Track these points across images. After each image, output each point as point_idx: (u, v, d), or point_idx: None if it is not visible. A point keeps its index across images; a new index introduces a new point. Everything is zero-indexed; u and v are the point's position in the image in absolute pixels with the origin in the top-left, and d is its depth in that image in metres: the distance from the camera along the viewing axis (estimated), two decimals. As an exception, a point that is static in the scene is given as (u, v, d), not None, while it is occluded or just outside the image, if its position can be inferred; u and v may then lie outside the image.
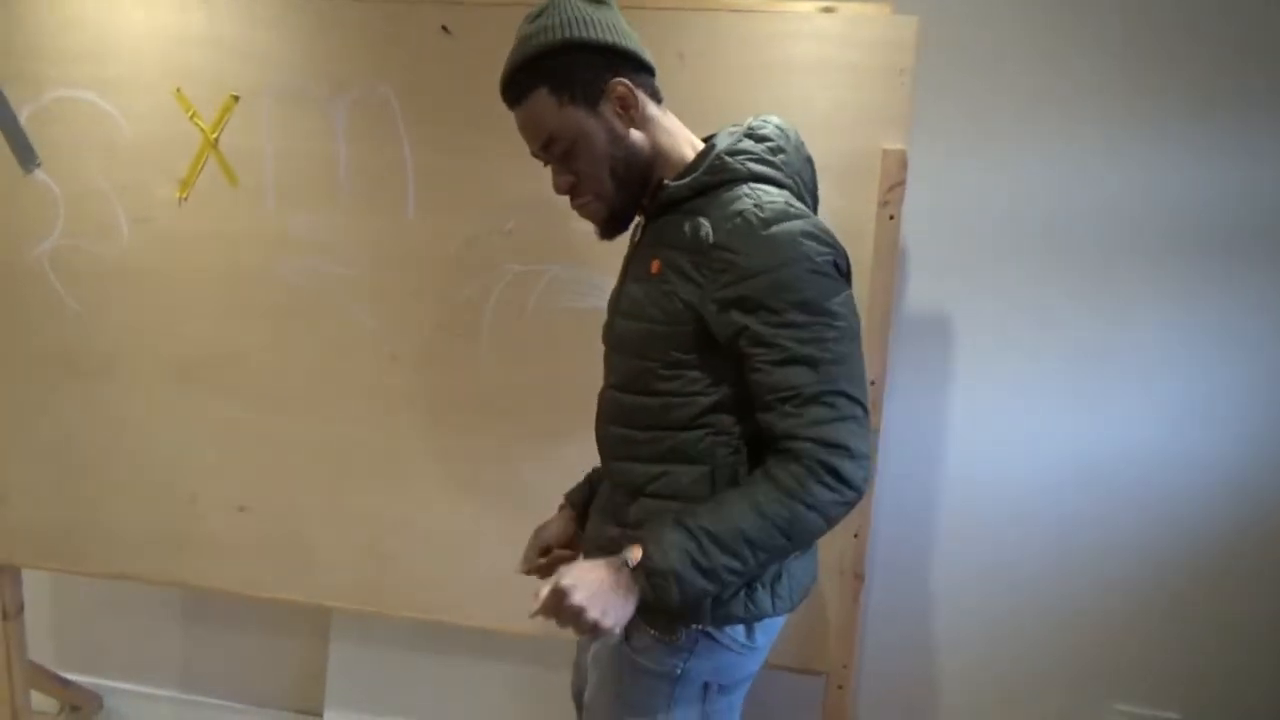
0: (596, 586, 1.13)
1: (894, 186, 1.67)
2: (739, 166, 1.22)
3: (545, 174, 1.77)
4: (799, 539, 1.14)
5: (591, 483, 1.52)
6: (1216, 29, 1.90)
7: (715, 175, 1.22)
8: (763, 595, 1.25)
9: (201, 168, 1.92)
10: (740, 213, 1.16)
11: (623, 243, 1.39)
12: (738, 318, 1.15)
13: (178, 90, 1.90)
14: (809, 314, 1.13)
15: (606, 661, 1.33)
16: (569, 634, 1.27)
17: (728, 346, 1.17)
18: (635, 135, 1.26)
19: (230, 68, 1.87)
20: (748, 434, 1.23)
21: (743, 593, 1.24)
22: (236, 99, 1.88)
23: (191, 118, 1.90)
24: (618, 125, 1.25)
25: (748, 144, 1.25)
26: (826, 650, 1.81)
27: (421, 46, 1.81)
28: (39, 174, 1.96)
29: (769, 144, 1.26)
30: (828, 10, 1.68)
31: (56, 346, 2.01)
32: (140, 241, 1.95)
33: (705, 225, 1.18)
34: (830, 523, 1.15)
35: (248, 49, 1.86)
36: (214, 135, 1.90)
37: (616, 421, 1.31)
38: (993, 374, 2.06)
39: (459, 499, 1.91)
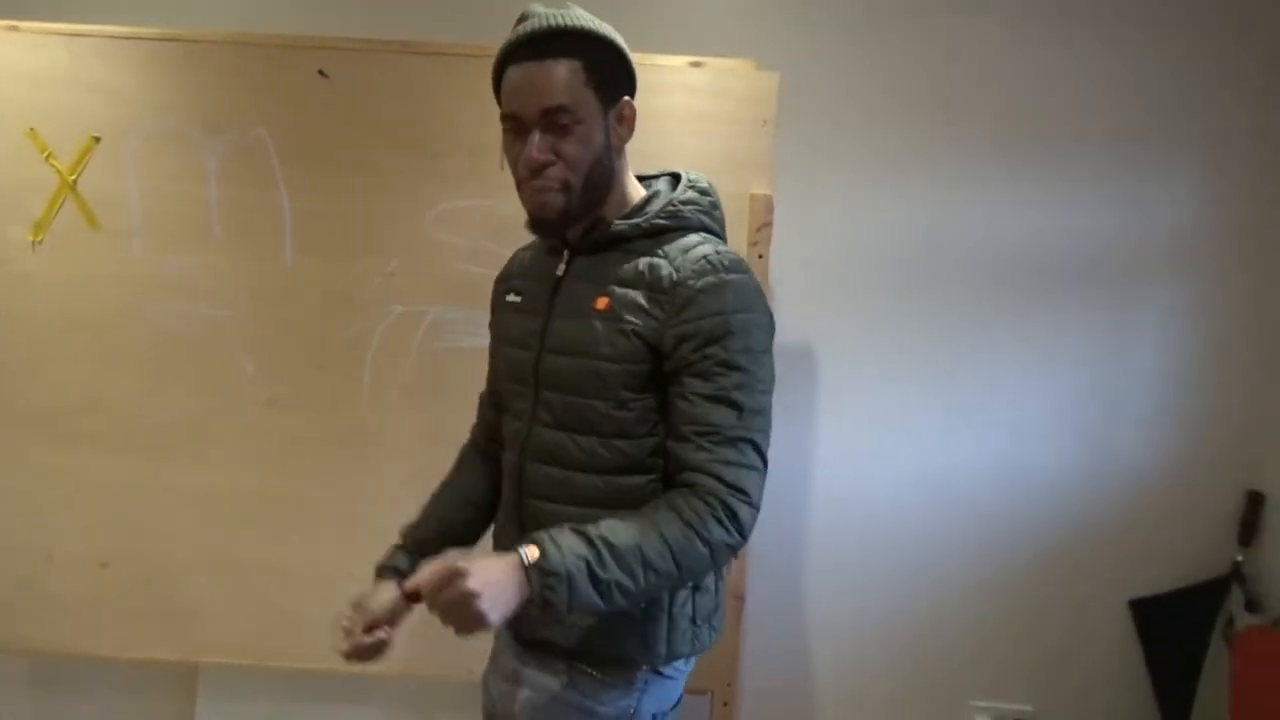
0: (493, 576, 1.06)
1: (761, 227, 1.79)
2: (690, 216, 1.26)
3: (425, 218, 1.83)
4: (686, 571, 1.15)
5: (417, 544, 1.39)
6: (1049, 79, 2.15)
7: (671, 220, 1.25)
8: (704, 630, 1.29)
9: (58, 209, 1.84)
10: (704, 256, 1.21)
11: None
12: (685, 350, 1.18)
13: (31, 130, 1.83)
14: (747, 362, 1.18)
15: (546, 708, 1.28)
16: (450, 675, 1.22)
17: (669, 378, 1.20)
18: (615, 156, 1.26)
19: (92, 108, 1.82)
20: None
21: (689, 630, 1.27)
22: (98, 140, 1.83)
23: (47, 158, 1.83)
24: (612, 137, 1.24)
25: (694, 195, 1.29)
26: (711, 669, 1.88)
27: (299, 90, 1.81)
28: None
29: (709, 199, 1.30)
30: (696, 65, 1.80)
31: (-108, 399, 1.87)
32: (-11, 286, 1.85)
33: (665, 264, 1.21)
34: (716, 563, 1.18)
35: (113, 89, 1.82)
36: (72, 176, 1.83)
37: (550, 461, 1.26)
38: (853, 400, 2.22)
39: (340, 540, 1.88)
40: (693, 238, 1.25)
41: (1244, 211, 2.17)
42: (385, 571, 1.36)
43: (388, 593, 1.31)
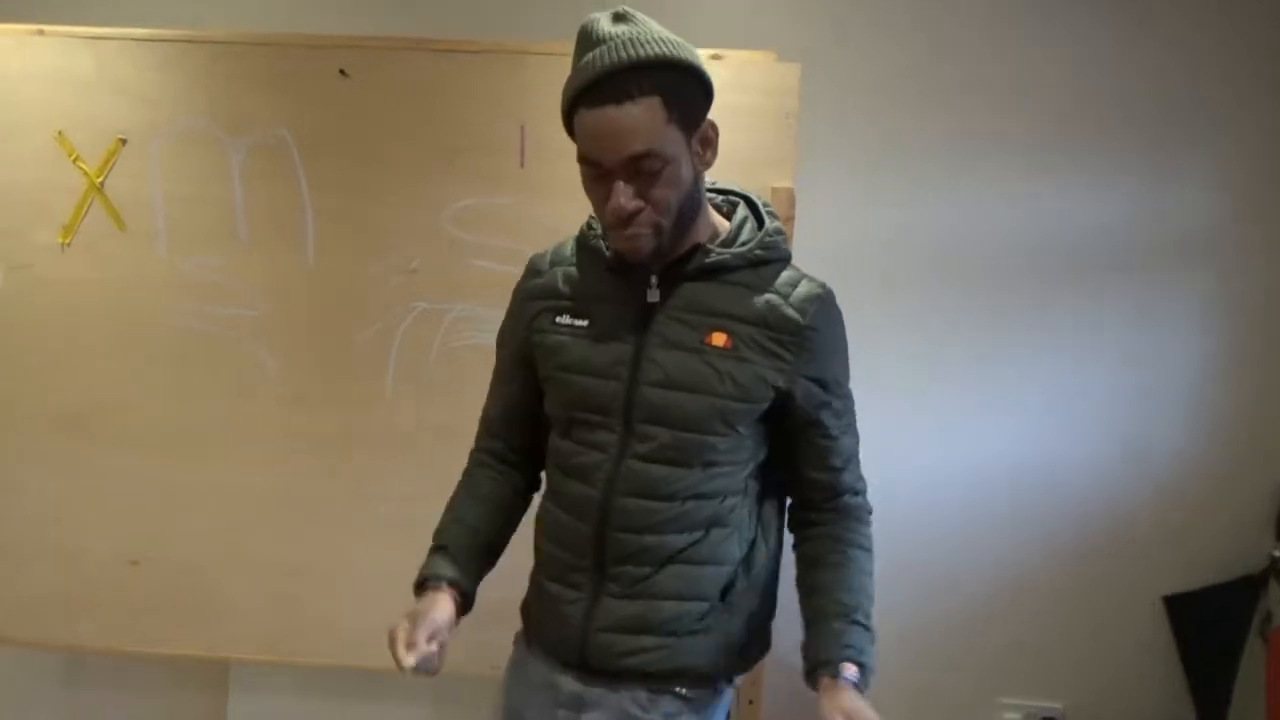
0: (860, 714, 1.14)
1: (785, 222, 1.76)
2: (783, 245, 1.28)
3: (445, 216, 1.83)
4: None
5: (458, 551, 1.36)
6: (1070, 71, 2.11)
7: (769, 252, 1.24)
8: (770, 630, 1.38)
9: (85, 212, 1.86)
10: (818, 296, 1.25)
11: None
12: (818, 393, 1.24)
13: (59, 133, 1.85)
14: (848, 385, 1.31)
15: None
16: (473, 670, 1.26)
17: (796, 416, 1.25)
18: (700, 182, 1.22)
19: (118, 110, 1.84)
20: (758, 490, 1.31)
21: (763, 633, 1.36)
22: (123, 142, 1.85)
23: (75, 161, 1.85)
24: (697, 164, 1.19)
25: (779, 224, 1.29)
26: (737, 667, 1.88)
27: (320, 89, 1.82)
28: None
29: (779, 221, 1.31)
30: (716, 58, 1.78)
31: (-72, 399, 1.90)
32: (19, 288, 1.88)
33: (785, 305, 1.22)
34: None
35: (138, 92, 1.83)
36: (99, 179, 1.85)
37: (643, 494, 1.22)
38: (880, 395, 2.18)
39: (365, 539, 1.89)
40: (791, 272, 1.27)
41: (1277, 202, 2.11)
42: (432, 581, 1.30)
43: (446, 605, 1.25)
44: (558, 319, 1.28)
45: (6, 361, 1.89)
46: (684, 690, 1.27)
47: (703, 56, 1.76)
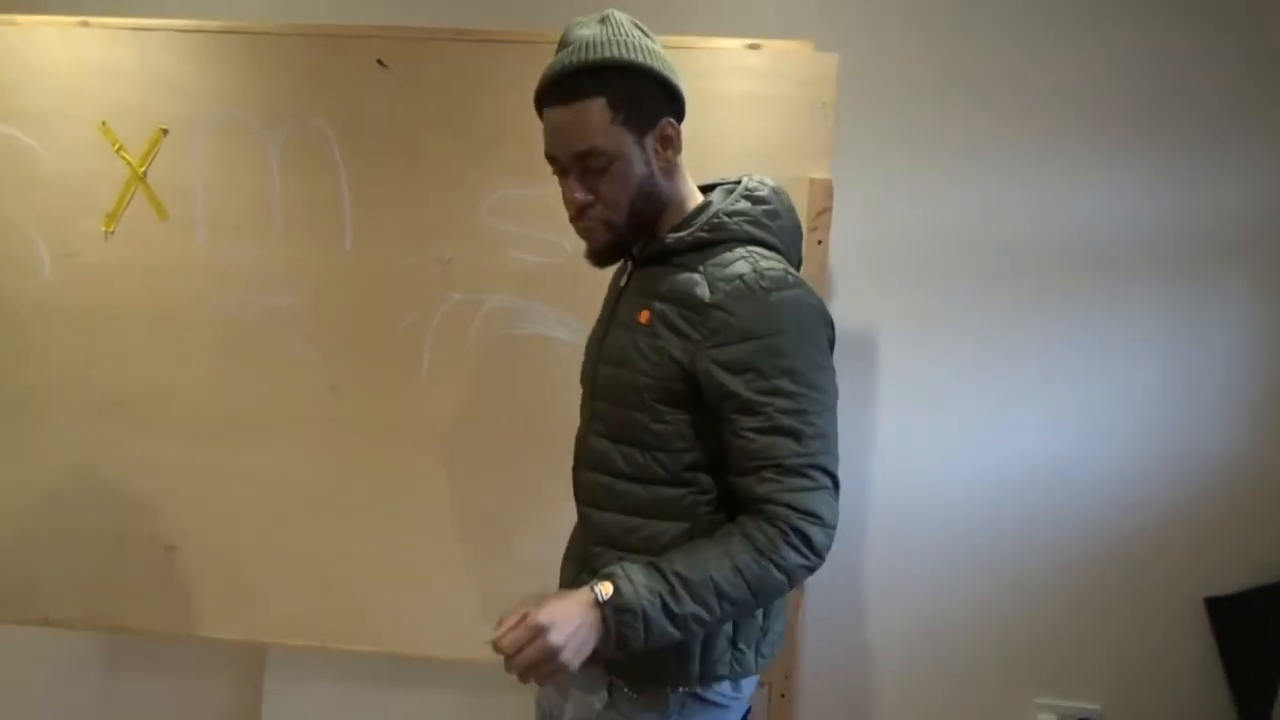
0: (573, 624, 1.09)
1: (821, 213, 1.75)
2: (736, 228, 1.23)
3: (482, 206, 1.84)
4: (762, 597, 1.16)
5: None
6: (1112, 62, 2.07)
7: (713, 234, 1.23)
8: (748, 654, 1.27)
9: (129, 201, 1.89)
10: (740, 275, 1.17)
11: (560, 275, 1.42)
12: (726, 379, 1.15)
13: (103, 123, 1.87)
14: (796, 384, 1.15)
15: None
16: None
17: (712, 407, 1.18)
18: (661, 178, 1.24)
19: (159, 101, 1.86)
20: (724, 493, 1.23)
21: (729, 652, 1.25)
22: (165, 132, 1.87)
23: (118, 151, 1.88)
24: (654, 162, 1.22)
25: (744, 205, 1.25)
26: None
27: (357, 79, 1.83)
28: (-46, 209, 1.91)
29: (765, 207, 1.26)
30: (754, 47, 1.76)
31: (-26, 385, 1.94)
32: (64, 276, 1.91)
33: (701, 283, 1.19)
34: (792, 584, 1.18)
35: (178, 82, 1.85)
36: (142, 168, 1.88)
37: (597, 468, 1.29)
38: (915, 391, 2.17)
39: (400, 527, 1.90)
40: (736, 252, 1.21)
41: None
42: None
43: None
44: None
45: (51, 347, 1.92)
46: (630, 692, 1.25)
47: (740, 45, 1.78)
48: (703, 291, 1.18)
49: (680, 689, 1.24)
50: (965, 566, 2.20)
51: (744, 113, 1.77)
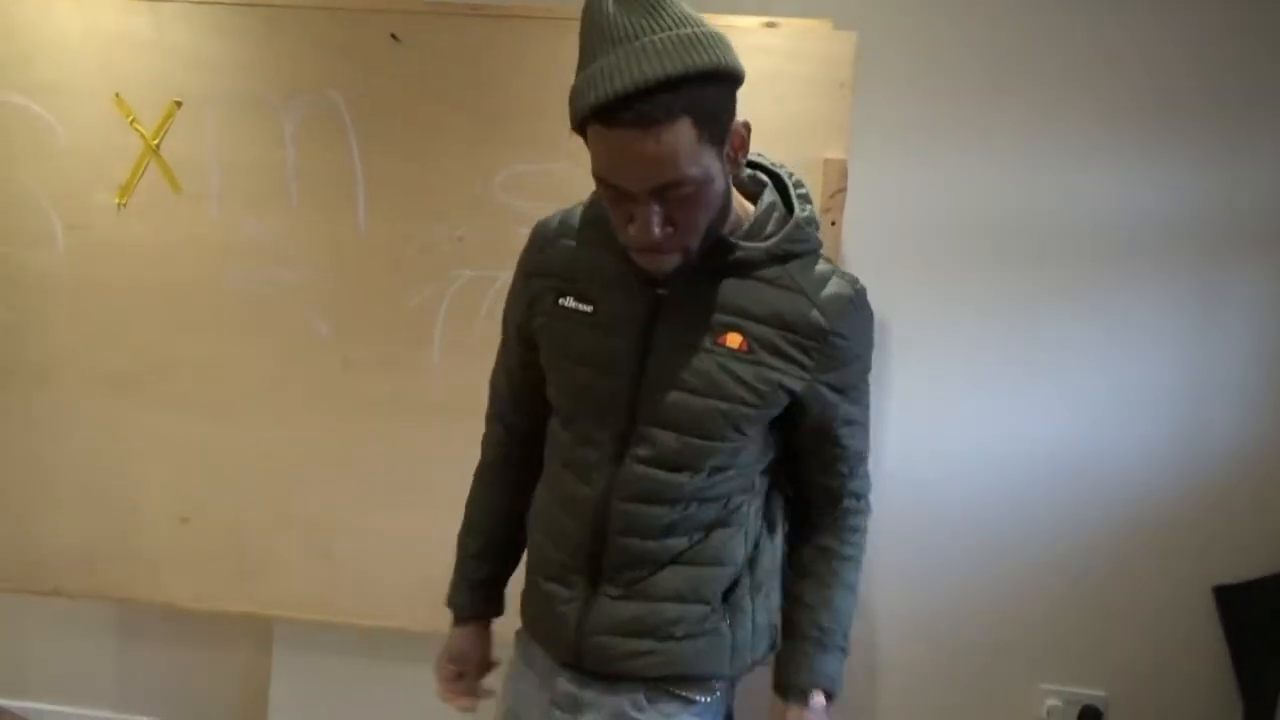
0: None
1: (835, 194, 1.74)
2: (813, 236, 1.16)
3: (495, 182, 1.83)
4: None
5: (481, 584, 1.39)
6: (1133, 45, 2.05)
7: (796, 245, 1.13)
8: (776, 631, 1.31)
9: (142, 174, 1.89)
10: (848, 298, 1.14)
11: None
12: (834, 399, 1.17)
13: (116, 95, 1.87)
14: (867, 385, 1.23)
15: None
16: (510, 637, 1.35)
17: (810, 422, 1.19)
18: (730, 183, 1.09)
19: (174, 73, 1.86)
20: (766, 486, 1.26)
21: (768, 632, 1.27)
22: (179, 104, 1.86)
23: (132, 123, 1.87)
24: (730, 170, 1.05)
25: (811, 211, 1.17)
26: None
27: (371, 54, 1.82)
28: (-32, 180, 1.91)
29: (812, 206, 1.19)
30: (771, 25, 1.75)
31: (-12, 356, 1.95)
32: (76, 248, 1.91)
33: (808, 305, 1.12)
34: None
35: (193, 54, 1.85)
36: (155, 141, 1.88)
37: (644, 499, 1.15)
38: (927, 374, 2.16)
39: (410, 503, 1.91)
40: (822, 266, 1.15)
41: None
42: (464, 613, 1.41)
43: (472, 640, 1.41)
44: (560, 301, 1.18)
45: (64, 320, 1.93)
46: (682, 692, 1.23)
47: (757, 23, 1.76)
48: (817, 317, 1.12)
49: (725, 681, 1.27)
50: (973, 552, 2.20)
51: (760, 92, 1.75)
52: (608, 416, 1.15)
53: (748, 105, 1.73)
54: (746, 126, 1.05)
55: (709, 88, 0.96)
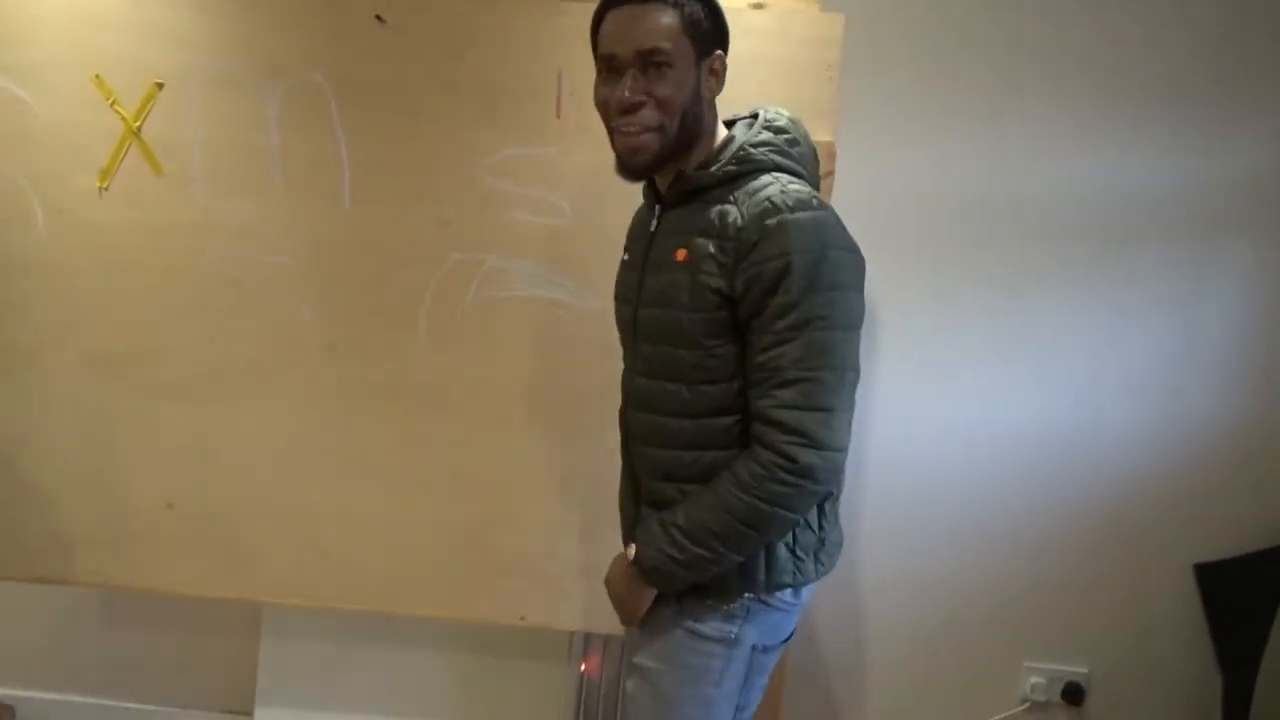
0: (618, 585, 1.35)
1: (824, 176, 1.74)
2: (762, 158, 1.27)
3: (481, 166, 1.82)
4: (766, 529, 1.24)
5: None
6: (1119, 29, 2.06)
7: (741, 165, 1.27)
8: (807, 563, 1.35)
9: (123, 157, 1.87)
10: (768, 198, 1.21)
11: (561, 237, 1.42)
12: (752, 297, 1.20)
13: (97, 77, 1.84)
14: (811, 300, 1.18)
15: (659, 625, 1.36)
16: (502, 619, 1.63)
17: (743, 325, 1.23)
18: (705, 105, 1.29)
19: (155, 53, 1.83)
20: None
21: (790, 561, 1.32)
22: (160, 86, 1.84)
23: (112, 105, 1.85)
24: (704, 88, 1.28)
25: (767, 135, 1.30)
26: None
27: (356, 34, 1.80)
28: (-55, 162, 1.88)
29: (786, 136, 1.31)
30: (758, 7, 1.75)
31: (-32, 341, 1.93)
32: (57, 232, 1.89)
33: (733, 210, 1.23)
34: (795, 511, 1.24)
35: (174, 34, 1.82)
36: (137, 123, 1.85)
37: (646, 408, 1.35)
38: (914, 354, 2.18)
39: (398, 488, 1.91)
40: (763, 179, 1.26)
41: (1331, 163, 2.06)
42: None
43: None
44: (623, 256, 1.46)
45: (44, 305, 1.90)
46: (703, 596, 1.33)
47: (744, 4, 1.75)
48: (734, 217, 1.23)
49: (747, 595, 1.32)
50: (956, 531, 2.22)
51: (747, 73, 1.74)
52: (627, 339, 1.41)
53: (736, 87, 1.71)
54: (723, 64, 1.31)
55: (700, 3, 1.26)
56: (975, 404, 2.18)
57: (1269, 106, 2.06)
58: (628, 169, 1.29)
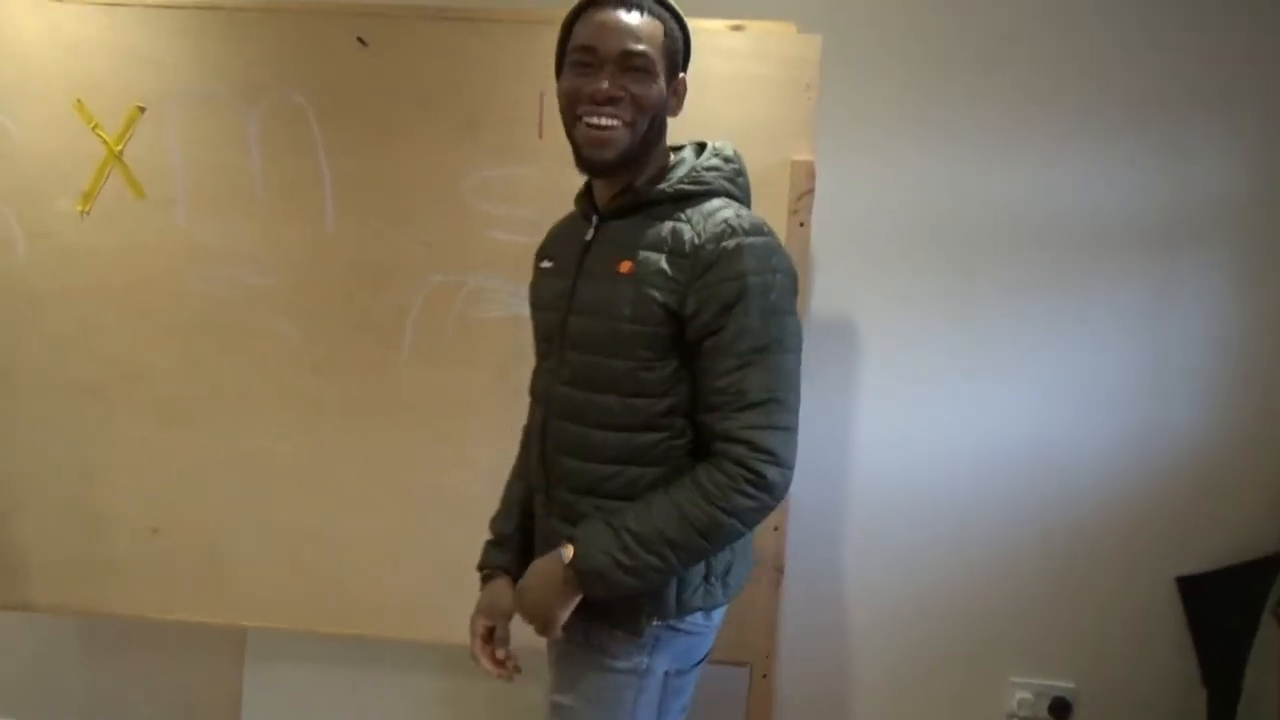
0: (543, 589, 1.26)
1: (803, 195, 1.76)
2: (713, 181, 1.30)
3: (463, 186, 1.82)
4: (717, 541, 1.23)
5: (505, 539, 1.51)
6: (1094, 46, 2.09)
7: (695, 185, 1.29)
8: (716, 586, 1.32)
9: (105, 180, 1.87)
10: (725, 220, 1.23)
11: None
12: (706, 316, 1.21)
13: (78, 101, 1.85)
14: (767, 323, 1.21)
15: (570, 661, 1.35)
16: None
17: (692, 345, 1.23)
18: (665, 121, 1.33)
19: (136, 77, 1.84)
20: (699, 436, 1.28)
21: (701, 587, 1.30)
22: (142, 110, 1.84)
23: (94, 129, 1.85)
24: (668, 103, 1.32)
25: (718, 161, 1.33)
26: (749, 642, 1.88)
27: (337, 56, 1.81)
28: (-74, 187, 1.88)
29: (734, 166, 1.35)
30: (737, 29, 1.76)
31: (-52, 366, 1.91)
32: (39, 256, 1.89)
33: (687, 229, 1.24)
34: (748, 526, 1.23)
35: (155, 58, 1.83)
36: (119, 147, 1.85)
37: (570, 418, 1.31)
38: (894, 370, 2.19)
39: (382, 509, 1.90)
40: (715, 202, 1.28)
41: (1301, 177, 2.09)
42: (491, 570, 1.48)
43: (506, 592, 1.43)
44: (541, 264, 1.44)
45: (28, 329, 1.90)
46: (607, 625, 1.30)
47: (723, 26, 1.77)
48: (690, 235, 1.23)
49: (656, 623, 1.29)
50: (941, 547, 2.23)
51: (726, 94, 1.77)
52: (552, 346, 1.37)
53: (715, 107, 1.76)
54: (685, 86, 1.35)
55: (678, 24, 1.31)
56: (954, 420, 2.19)
57: (1238, 119, 2.09)
58: (589, 162, 1.29)
